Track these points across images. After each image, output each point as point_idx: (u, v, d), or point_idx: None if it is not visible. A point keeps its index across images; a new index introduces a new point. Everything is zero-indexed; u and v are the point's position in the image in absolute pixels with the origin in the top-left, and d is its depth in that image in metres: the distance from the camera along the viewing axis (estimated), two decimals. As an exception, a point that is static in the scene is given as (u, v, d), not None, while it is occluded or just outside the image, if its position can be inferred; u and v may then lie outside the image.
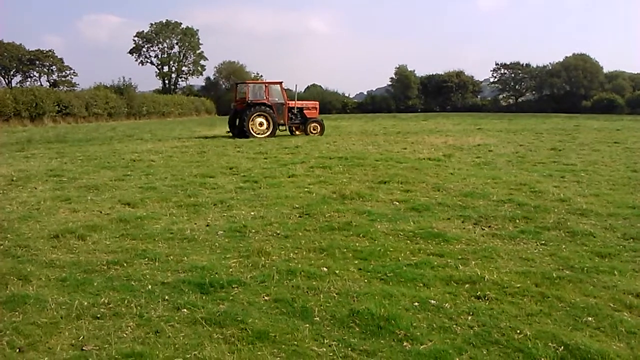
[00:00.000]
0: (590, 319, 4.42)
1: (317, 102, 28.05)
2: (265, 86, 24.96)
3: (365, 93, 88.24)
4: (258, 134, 23.89)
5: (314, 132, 25.68)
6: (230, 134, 25.21)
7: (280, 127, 25.24)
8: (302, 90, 77.39)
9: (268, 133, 24.06)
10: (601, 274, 5.49)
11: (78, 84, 71.44)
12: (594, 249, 6.36)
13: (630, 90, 64.42)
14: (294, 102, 25.97)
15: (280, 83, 25.40)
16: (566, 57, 71.25)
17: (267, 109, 24.15)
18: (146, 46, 78.42)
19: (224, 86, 79.41)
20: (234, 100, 26.54)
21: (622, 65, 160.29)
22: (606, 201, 8.94)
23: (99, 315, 4.51)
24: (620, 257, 6.06)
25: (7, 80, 70.13)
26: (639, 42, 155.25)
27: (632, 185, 10.50)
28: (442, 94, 75.92)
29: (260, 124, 24.04)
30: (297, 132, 25.92)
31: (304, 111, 25.93)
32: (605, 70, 69.80)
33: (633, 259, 6.01)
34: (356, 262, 5.96)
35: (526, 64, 76.03)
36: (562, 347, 3.91)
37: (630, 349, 3.95)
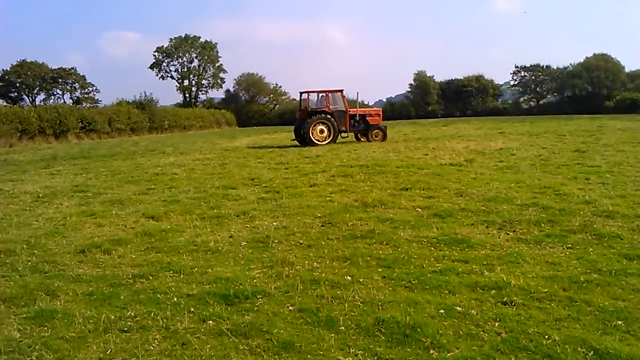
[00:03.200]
0: (619, 322, 4.34)
1: (380, 110, 28.45)
2: (326, 94, 25.53)
3: (385, 100, 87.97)
4: (319, 141, 24.56)
5: (375, 138, 25.95)
6: (297, 142, 25.75)
7: (342, 134, 25.77)
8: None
9: (329, 140, 24.71)
10: (629, 276, 5.39)
11: (100, 100, 72.87)
12: (622, 251, 6.24)
13: (654, 89, 63.53)
14: (356, 109, 26.32)
15: (341, 91, 26.01)
16: (587, 57, 70.64)
17: (328, 116, 24.75)
18: (166, 61, 79.58)
19: (243, 98, 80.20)
20: (298, 110, 27.29)
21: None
22: (633, 202, 8.78)
23: (126, 329, 4.54)
24: (649, 259, 5.94)
25: (31, 99, 71.70)
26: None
27: (659, 185, 10.31)
28: (462, 99, 75.57)
29: (321, 132, 24.74)
30: (362, 139, 26.22)
31: (367, 118, 26.25)
32: (627, 70, 69.00)
33: (662, 260, 5.90)
34: (380, 270, 5.93)
35: (546, 66, 75.53)
36: (592, 352, 3.84)
37: (662, 352, 3.87)
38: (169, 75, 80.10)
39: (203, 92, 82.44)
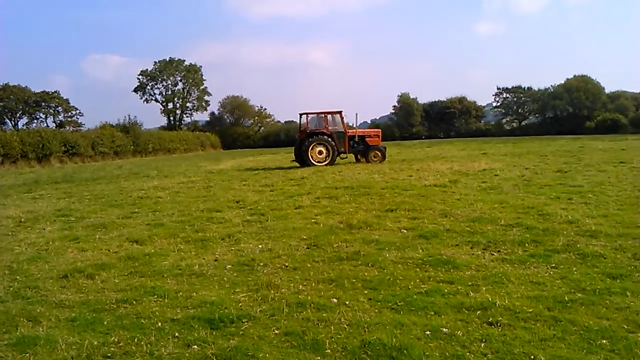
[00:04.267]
0: (604, 341, 4.36)
1: (380, 130, 28.66)
2: (325, 116, 25.83)
3: (369, 122, 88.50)
4: (318, 162, 24.85)
5: (374, 159, 26.03)
6: (297, 163, 25.90)
7: (342, 155, 25.99)
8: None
9: (327, 161, 24.97)
10: (613, 295, 5.43)
11: (84, 124, 72.45)
12: (605, 270, 6.30)
13: (634, 110, 64.65)
14: (355, 130, 26.64)
15: (340, 112, 26.28)
16: (567, 79, 71.75)
17: (327, 137, 25.08)
18: (150, 84, 79.54)
19: (228, 120, 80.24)
20: (298, 131, 27.62)
21: (623, 85, 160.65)
22: (615, 221, 8.88)
23: (109, 355, 4.49)
24: (632, 278, 5.99)
25: (13, 122, 71.13)
26: (637, 61, 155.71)
27: (640, 204, 10.45)
28: (445, 120, 76.20)
29: (320, 153, 25.05)
30: (361, 160, 26.39)
31: (366, 139, 26.50)
32: (607, 91, 70.16)
33: (645, 279, 5.95)
34: (366, 292, 5.93)
35: (528, 87, 76.56)
36: (578, 372, 3.86)
37: (647, 371, 3.89)
38: (154, 98, 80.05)
39: (187, 114, 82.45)
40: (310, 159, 24.82)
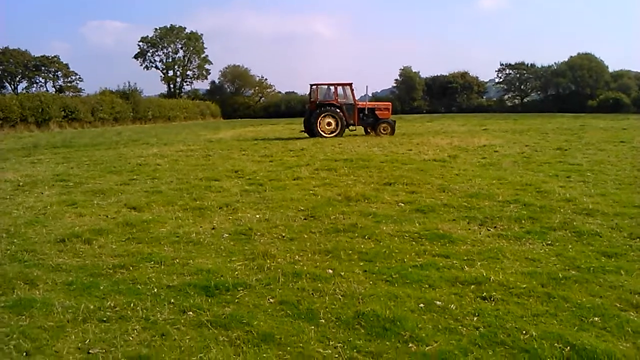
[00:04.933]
0: (596, 319, 4.40)
1: (390, 104, 28.50)
2: (335, 87, 25.77)
3: (370, 95, 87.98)
4: (326, 133, 24.72)
5: (384, 132, 25.96)
6: (306, 134, 25.91)
7: (351, 127, 25.93)
8: (308, 93, 77.74)
9: (336, 132, 24.89)
10: (607, 273, 5.47)
11: (84, 90, 71.95)
12: (600, 248, 6.33)
13: (636, 89, 64.07)
14: (365, 102, 26.50)
15: (350, 84, 26.08)
16: (571, 56, 70.90)
17: (335, 109, 24.95)
18: (151, 51, 78.72)
19: (228, 90, 79.69)
20: (308, 102, 27.55)
21: (627, 64, 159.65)
22: (612, 200, 8.90)
23: (105, 319, 4.52)
24: (627, 257, 6.02)
25: (13, 87, 70.67)
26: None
27: (638, 184, 10.45)
28: (447, 95, 75.69)
29: (329, 124, 24.95)
30: (370, 132, 26.27)
31: (376, 112, 26.36)
32: (610, 70, 69.46)
33: (640, 258, 5.99)
34: (361, 264, 5.96)
35: (531, 64, 75.76)
36: (568, 348, 3.89)
37: (636, 348, 3.93)
38: (154, 65, 79.28)
39: (188, 83, 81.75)
40: (319, 130, 24.77)
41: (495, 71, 78.81)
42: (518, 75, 76.74)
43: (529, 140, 21.56)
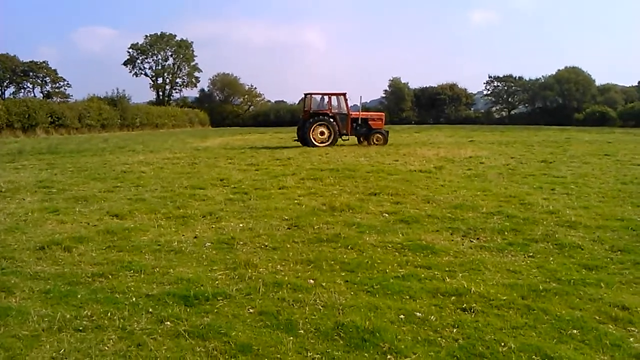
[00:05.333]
0: (575, 331, 4.40)
1: (383, 114, 28.70)
2: (329, 97, 25.82)
3: (359, 105, 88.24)
4: (319, 142, 24.84)
5: (376, 142, 26.03)
6: (299, 143, 25.94)
7: (344, 137, 26.08)
8: (297, 102, 77.87)
9: (329, 142, 24.98)
10: (587, 286, 5.48)
11: (72, 95, 71.74)
12: (582, 261, 6.35)
13: (622, 103, 64.84)
14: (358, 112, 26.55)
15: (344, 94, 26.18)
16: (559, 70, 71.71)
17: (329, 119, 25.04)
18: (140, 58, 78.67)
19: (217, 98, 79.68)
20: (302, 111, 27.61)
21: (613, 78, 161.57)
22: (595, 213, 8.95)
23: (81, 328, 4.46)
24: (607, 270, 6.05)
25: (0, 91, 70.15)
26: (630, 56, 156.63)
27: (621, 197, 10.52)
28: (435, 106, 76.14)
29: (322, 133, 25.09)
30: (363, 142, 26.33)
31: (369, 122, 26.48)
32: (597, 83, 70.28)
33: (620, 271, 6.01)
34: (343, 274, 5.93)
35: (519, 77, 76.45)
36: (546, 360, 3.89)
37: (614, 361, 3.94)
38: (143, 72, 79.18)
39: (177, 90, 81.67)
40: (312, 139, 24.83)
41: (484, 83, 79.52)
42: (506, 88, 77.42)
43: (515, 152, 21.70)
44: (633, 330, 4.46)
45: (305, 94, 26.42)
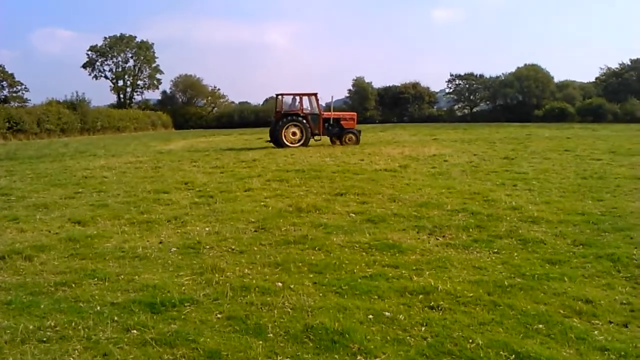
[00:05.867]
0: (540, 326, 4.48)
1: (355, 114, 28.80)
2: (300, 97, 25.80)
3: (324, 105, 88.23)
4: (291, 142, 24.87)
5: (348, 142, 26.13)
6: (272, 144, 25.82)
7: (315, 137, 26.08)
8: (261, 103, 77.71)
9: (300, 142, 24.97)
10: (551, 280, 5.59)
11: (29, 100, 69.67)
12: (545, 256, 6.48)
13: (580, 99, 66.37)
14: (330, 113, 26.60)
15: (315, 94, 26.18)
16: (518, 67, 73.00)
17: (301, 119, 25.06)
18: (100, 60, 77.13)
19: (180, 100, 78.76)
20: (274, 111, 27.42)
21: (572, 75, 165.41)
22: (556, 208, 9.14)
23: (45, 339, 4.35)
24: (570, 264, 6.18)
25: (-45, 97, 68.04)
26: (587, 53, 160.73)
27: (581, 192, 10.77)
28: (399, 105, 76.69)
29: (293, 134, 25.08)
30: (336, 142, 26.31)
31: (341, 122, 26.59)
32: (556, 80, 71.80)
33: (583, 265, 6.14)
34: (311, 275, 5.93)
35: (480, 75, 77.62)
36: (514, 356, 3.95)
37: (579, 355, 4.01)
38: (103, 75, 77.64)
39: (138, 93, 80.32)
40: (284, 139, 24.83)
41: (446, 82, 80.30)
42: (467, 86, 78.45)
43: (478, 149, 22.02)
44: (597, 323, 4.57)
45: (277, 95, 26.45)
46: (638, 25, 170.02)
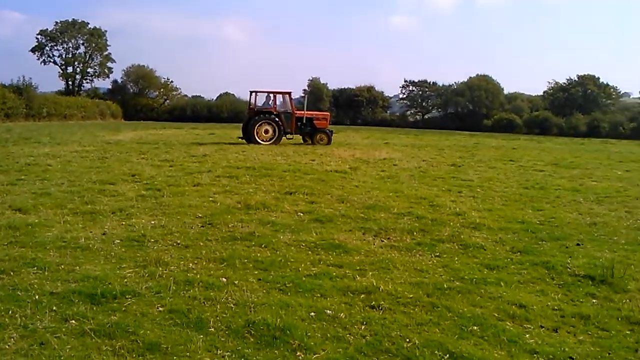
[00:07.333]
0: (475, 328, 4.64)
1: (328, 114, 29.28)
2: (274, 95, 25.80)
3: (304, 104, 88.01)
4: (263, 140, 24.74)
5: (320, 142, 26.14)
6: (244, 140, 25.52)
7: (288, 136, 26.01)
8: (215, 98, 76.89)
9: (272, 140, 24.86)
10: (488, 285, 5.79)
11: (-28, 82, 67.16)
12: (484, 261, 6.69)
13: (528, 111, 68.31)
14: (303, 112, 26.62)
15: (289, 93, 26.37)
16: (470, 77, 74.55)
17: (274, 117, 25.01)
18: (49, 45, 74.76)
19: (131, 90, 77.08)
20: (248, 108, 27.29)
21: (521, 87, 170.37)
22: (498, 216, 9.43)
23: (-21, 327, 4.25)
24: (507, 270, 6.41)
25: None
26: (536, 67, 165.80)
27: (522, 201, 11.13)
28: (353, 108, 77.16)
29: (266, 132, 25.02)
30: (308, 141, 26.34)
31: (314, 121, 26.59)
32: (505, 92, 73.71)
33: (519, 271, 6.38)
34: (256, 272, 5.96)
35: (433, 82, 78.86)
36: (448, 355, 4.10)
37: (510, 357, 4.19)
38: (52, 60, 75.25)
39: (88, 80, 78.10)
40: (256, 137, 24.78)
41: (400, 87, 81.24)
42: (420, 93, 79.55)
43: (427, 155, 22.43)
44: (529, 327, 4.77)
45: (251, 92, 26.42)
46: (585, 42, 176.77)
